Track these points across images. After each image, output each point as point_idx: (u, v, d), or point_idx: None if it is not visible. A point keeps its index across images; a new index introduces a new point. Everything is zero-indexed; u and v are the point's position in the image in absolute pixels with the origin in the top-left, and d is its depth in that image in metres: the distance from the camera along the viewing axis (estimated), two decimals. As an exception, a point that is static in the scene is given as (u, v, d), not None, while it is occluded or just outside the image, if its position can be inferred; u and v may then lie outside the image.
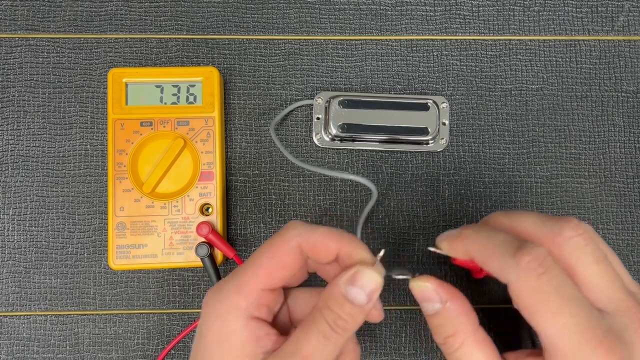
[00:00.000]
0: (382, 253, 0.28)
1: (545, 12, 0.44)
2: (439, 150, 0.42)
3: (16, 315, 0.41)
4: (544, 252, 0.25)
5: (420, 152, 0.42)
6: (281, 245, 0.28)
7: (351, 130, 0.41)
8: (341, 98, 0.40)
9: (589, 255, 0.25)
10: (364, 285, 0.26)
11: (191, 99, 0.41)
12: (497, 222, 0.30)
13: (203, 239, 0.39)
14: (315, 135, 0.41)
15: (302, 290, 0.31)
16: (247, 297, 0.27)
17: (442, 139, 0.42)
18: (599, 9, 0.44)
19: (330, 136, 0.41)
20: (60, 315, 0.41)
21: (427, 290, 0.27)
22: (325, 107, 0.41)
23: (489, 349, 0.27)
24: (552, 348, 0.24)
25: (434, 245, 0.31)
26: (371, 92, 0.42)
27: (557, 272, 0.24)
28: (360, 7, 0.44)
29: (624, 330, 0.24)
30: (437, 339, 0.28)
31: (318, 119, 0.41)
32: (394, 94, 0.43)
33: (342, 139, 0.41)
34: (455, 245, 0.29)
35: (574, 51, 0.44)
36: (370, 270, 0.27)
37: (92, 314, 0.41)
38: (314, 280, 0.39)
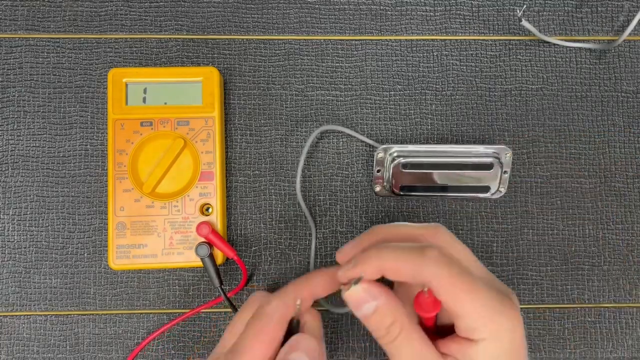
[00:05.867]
0: (298, 302, 0.32)
1: (545, 12, 0.44)
2: (495, 198, 0.42)
3: (16, 315, 0.41)
4: (440, 235, 0.31)
5: (479, 200, 0.43)
6: (269, 326, 0.31)
7: (412, 190, 0.41)
8: (403, 160, 0.39)
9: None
10: (303, 348, 0.30)
11: (191, 99, 0.41)
12: (381, 232, 0.33)
13: (203, 239, 0.39)
14: (375, 186, 0.41)
15: None
16: None
17: (502, 188, 0.41)
18: (599, 9, 0.44)
19: (390, 192, 0.41)
20: (60, 315, 0.41)
21: (359, 292, 0.30)
22: (387, 163, 0.40)
23: (423, 334, 0.29)
24: (472, 317, 0.28)
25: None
26: (432, 145, 0.40)
27: (451, 251, 0.30)
28: (360, 7, 0.44)
29: (502, 289, 0.30)
30: (378, 333, 0.30)
31: (378, 171, 0.40)
32: (457, 146, 0.40)
33: (402, 196, 0.41)
34: (367, 264, 0.30)
35: (574, 51, 0.44)
36: (302, 336, 0.31)
37: (92, 314, 0.41)
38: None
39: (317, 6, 0.44)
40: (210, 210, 0.40)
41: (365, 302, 0.30)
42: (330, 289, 0.32)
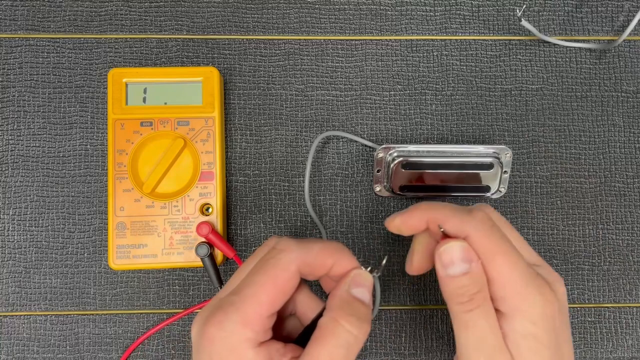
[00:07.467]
0: (385, 261, 0.31)
1: (545, 12, 0.44)
2: (495, 198, 0.42)
3: (16, 315, 0.41)
4: (490, 211, 0.31)
5: (479, 200, 0.43)
6: (281, 272, 0.28)
7: (412, 190, 0.41)
8: (403, 160, 0.39)
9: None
10: (364, 284, 0.29)
11: (191, 99, 0.41)
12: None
13: (203, 239, 0.39)
14: (375, 186, 0.41)
15: None
16: (254, 327, 0.27)
17: (502, 188, 0.41)
18: (599, 9, 0.44)
19: (390, 191, 0.41)
20: (60, 315, 0.41)
21: (456, 250, 0.29)
22: (387, 163, 0.40)
23: (494, 311, 0.29)
24: (505, 282, 0.28)
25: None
26: (432, 145, 0.40)
27: (500, 226, 0.30)
28: (360, 7, 0.44)
29: (544, 274, 0.30)
30: (460, 299, 0.29)
31: (378, 171, 0.40)
32: (457, 146, 0.40)
33: (402, 196, 0.41)
34: (412, 215, 0.31)
35: (574, 51, 0.44)
36: (362, 270, 0.30)
37: (92, 314, 0.41)
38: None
39: (317, 6, 0.44)
40: (210, 210, 0.40)
41: (460, 262, 0.29)
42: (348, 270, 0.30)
